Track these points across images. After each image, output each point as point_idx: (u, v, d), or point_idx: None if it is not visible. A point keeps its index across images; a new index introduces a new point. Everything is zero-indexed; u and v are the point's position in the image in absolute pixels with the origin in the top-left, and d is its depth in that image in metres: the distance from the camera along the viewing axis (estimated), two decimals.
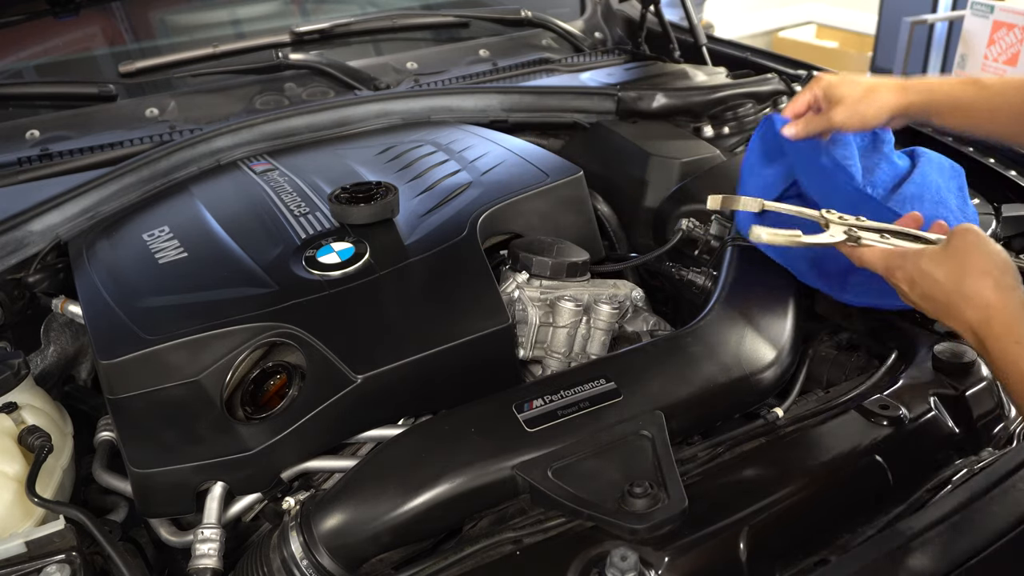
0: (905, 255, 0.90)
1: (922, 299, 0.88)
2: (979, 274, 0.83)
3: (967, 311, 0.84)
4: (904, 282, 0.89)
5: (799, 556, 0.91)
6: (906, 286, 0.89)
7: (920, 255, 0.88)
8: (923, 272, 0.87)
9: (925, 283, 0.86)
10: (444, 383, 1.06)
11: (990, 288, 0.83)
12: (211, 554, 0.94)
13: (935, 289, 0.86)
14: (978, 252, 0.85)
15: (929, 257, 0.87)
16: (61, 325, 1.29)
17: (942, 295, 0.85)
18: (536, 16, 2.11)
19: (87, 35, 1.87)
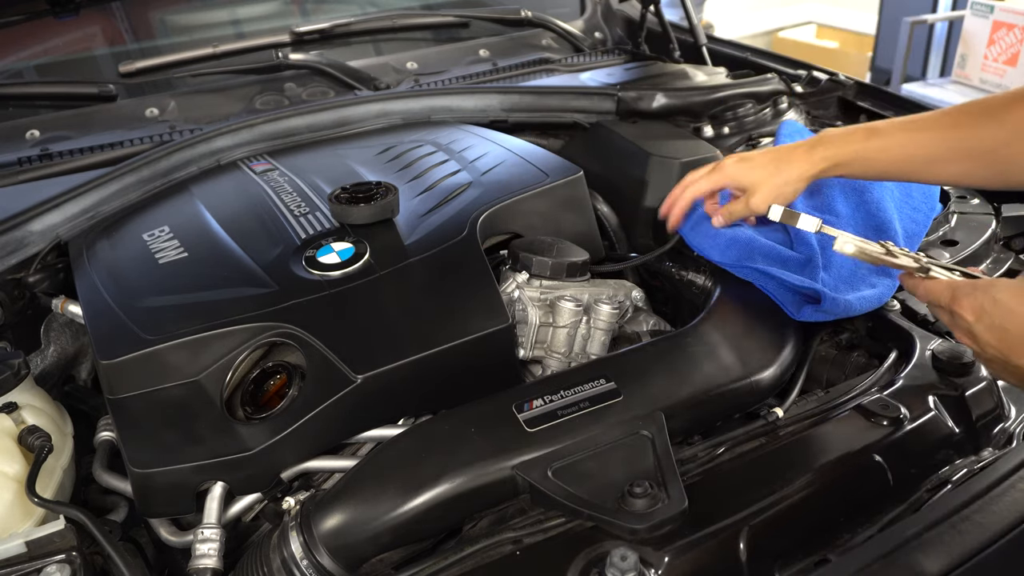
0: (976, 285, 0.87)
1: (989, 329, 0.84)
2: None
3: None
4: (971, 311, 0.85)
5: (799, 556, 0.91)
6: (972, 316, 0.85)
7: (995, 285, 0.85)
8: (997, 302, 0.83)
9: (998, 313, 0.83)
10: (444, 383, 1.06)
11: None
12: (211, 554, 0.94)
13: (1009, 320, 0.82)
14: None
15: (1003, 287, 0.84)
16: (61, 325, 1.29)
17: (1016, 326, 0.82)
18: (536, 16, 2.11)
19: (87, 35, 1.87)
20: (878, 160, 1.09)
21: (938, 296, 0.91)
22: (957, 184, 1.16)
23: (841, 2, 6.48)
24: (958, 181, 1.12)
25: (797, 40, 6.26)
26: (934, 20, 4.57)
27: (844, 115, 1.88)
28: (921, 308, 1.22)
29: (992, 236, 1.39)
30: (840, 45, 6.14)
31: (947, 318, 0.90)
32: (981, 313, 0.84)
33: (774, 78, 1.82)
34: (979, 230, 1.39)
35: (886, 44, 5.09)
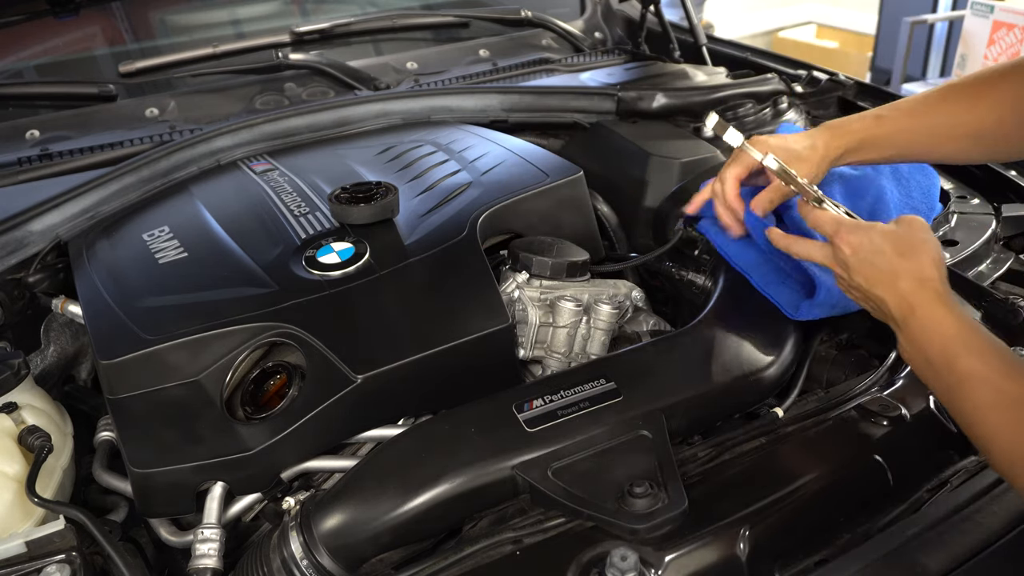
0: (859, 224, 0.96)
1: (860, 263, 0.93)
2: (922, 253, 0.91)
3: (904, 280, 0.90)
4: (848, 246, 0.94)
5: (799, 556, 0.91)
6: (848, 250, 0.94)
7: (873, 227, 0.95)
8: (872, 240, 0.93)
9: (870, 250, 0.93)
10: (444, 383, 1.06)
11: (929, 266, 0.90)
12: (211, 554, 0.94)
13: (878, 257, 0.92)
14: (925, 238, 0.93)
15: (881, 230, 0.94)
16: (61, 325, 1.29)
17: (884, 264, 0.91)
18: (536, 16, 2.11)
19: (87, 35, 1.87)
20: (885, 145, 1.14)
21: (823, 225, 0.99)
22: (961, 161, 1.19)
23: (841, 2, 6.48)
24: (961, 159, 1.18)
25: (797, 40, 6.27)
26: (934, 20, 4.57)
27: (844, 115, 1.87)
28: None
29: (992, 236, 1.39)
30: (840, 45, 6.14)
31: (822, 249, 0.99)
32: (856, 249, 0.94)
33: (774, 78, 1.82)
34: (979, 230, 1.39)
35: (886, 44, 5.09)
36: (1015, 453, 0.79)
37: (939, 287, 0.89)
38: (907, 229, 0.94)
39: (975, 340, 0.85)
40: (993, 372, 0.82)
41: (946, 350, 0.85)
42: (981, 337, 0.85)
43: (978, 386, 0.82)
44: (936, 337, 0.86)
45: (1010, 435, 0.79)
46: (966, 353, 0.84)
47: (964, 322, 0.86)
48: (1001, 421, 0.80)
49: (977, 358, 0.83)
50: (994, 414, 0.81)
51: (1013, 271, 1.35)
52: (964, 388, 0.83)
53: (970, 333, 0.86)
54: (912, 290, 0.89)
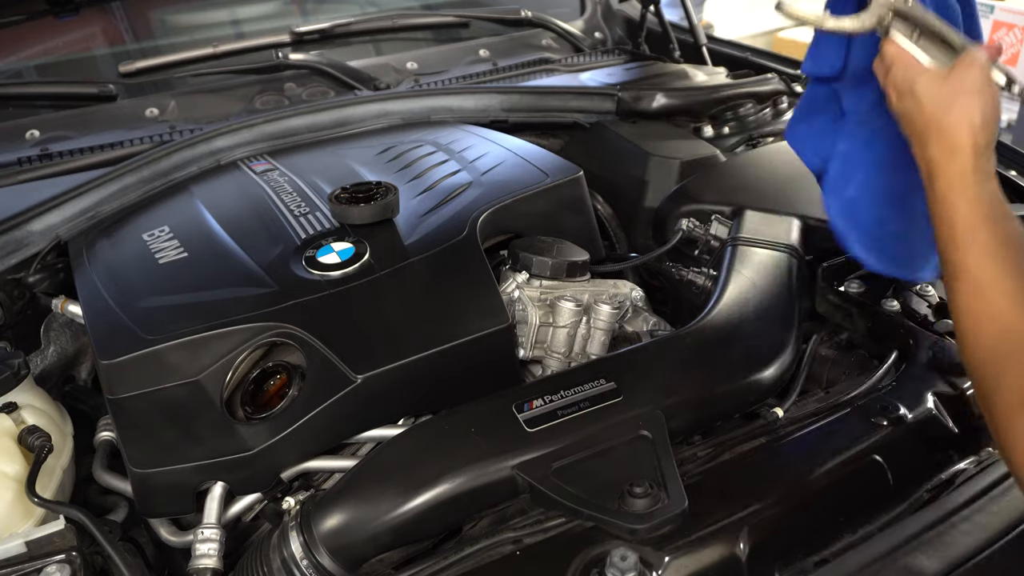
0: (911, 63, 0.90)
1: (902, 112, 0.90)
2: (962, 115, 0.84)
3: (933, 144, 0.85)
4: (894, 90, 0.90)
5: (799, 556, 0.91)
6: (895, 95, 0.90)
7: (920, 72, 0.88)
8: (914, 90, 0.87)
9: (911, 101, 0.88)
10: (444, 383, 1.06)
11: (965, 132, 0.84)
12: (211, 554, 0.94)
13: (916, 111, 0.87)
14: (974, 92, 0.85)
15: (928, 78, 0.87)
16: (61, 325, 1.29)
17: (921, 120, 0.87)
18: (536, 16, 2.11)
19: (87, 35, 1.87)
20: None
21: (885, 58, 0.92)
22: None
23: None
24: None
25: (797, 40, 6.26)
26: None
27: None
28: (921, 308, 1.22)
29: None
30: None
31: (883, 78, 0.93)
32: (901, 95, 0.89)
33: (774, 78, 1.82)
34: None
35: None
36: (973, 364, 0.78)
37: (968, 159, 0.83)
38: (959, 79, 0.85)
39: (979, 235, 0.81)
40: (983, 276, 0.79)
41: (951, 236, 0.82)
42: (987, 233, 0.81)
43: (964, 284, 0.80)
44: (945, 218, 0.83)
45: (974, 344, 0.78)
46: (965, 246, 0.81)
47: (975, 211, 0.82)
48: (971, 328, 0.79)
49: (972, 256, 0.80)
50: (968, 318, 0.80)
51: None
52: (955, 279, 0.82)
53: (977, 226, 0.81)
54: (938, 160, 0.85)
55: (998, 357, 0.76)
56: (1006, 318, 0.77)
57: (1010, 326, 0.77)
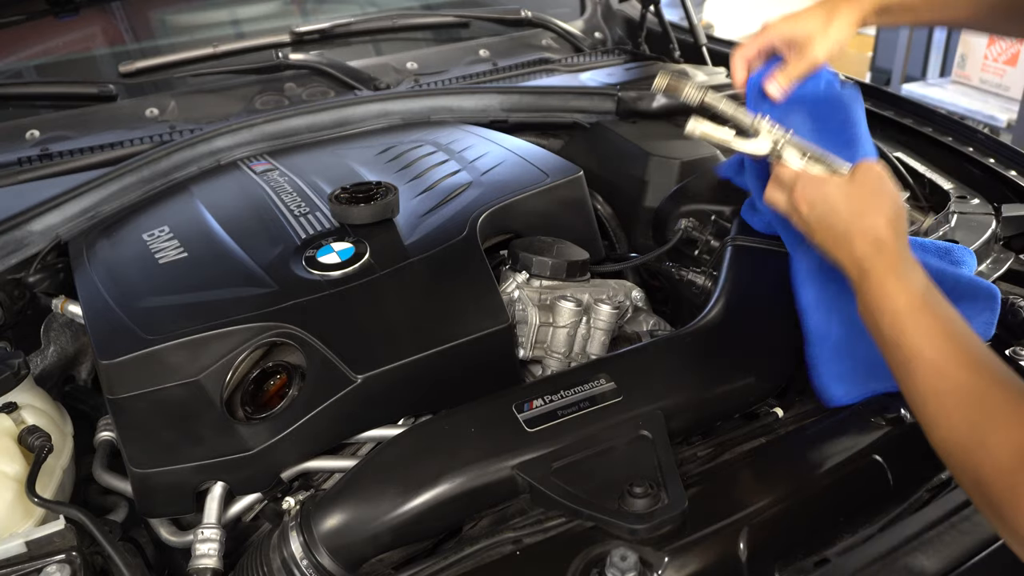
0: (814, 178, 0.93)
1: (817, 223, 0.91)
2: (877, 212, 0.87)
3: (858, 243, 0.86)
4: (805, 203, 0.92)
5: (799, 556, 0.91)
6: (806, 207, 0.92)
7: (827, 181, 0.92)
8: (826, 198, 0.90)
9: (824, 208, 0.90)
10: (444, 383, 1.06)
11: (884, 226, 0.86)
12: (211, 554, 0.94)
13: (833, 217, 0.89)
14: (880, 191, 0.89)
15: (836, 185, 0.90)
16: (61, 325, 1.29)
17: (840, 223, 0.88)
18: (536, 16, 2.11)
19: (87, 35, 1.87)
20: (920, 8, 1.10)
21: (784, 181, 0.96)
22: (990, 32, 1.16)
23: None
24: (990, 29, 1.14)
25: None
26: None
27: None
28: None
29: (992, 236, 1.39)
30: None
31: (787, 203, 0.96)
32: (812, 206, 0.91)
33: None
34: (979, 230, 1.39)
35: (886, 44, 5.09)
36: (952, 442, 0.75)
37: (894, 251, 0.85)
38: (863, 181, 0.89)
39: (924, 318, 0.80)
40: (938, 355, 0.78)
41: (894, 325, 0.81)
42: (931, 314, 0.81)
43: (921, 368, 0.78)
44: (887, 309, 0.82)
45: (947, 423, 0.75)
46: (914, 331, 0.80)
47: (915, 295, 0.82)
48: (940, 409, 0.76)
49: (924, 338, 0.79)
50: (934, 400, 0.77)
51: (1013, 271, 1.35)
52: (909, 368, 0.79)
53: (922, 308, 0.81)
54: (866, 254, 0.86)
55: (975, 427, 0.73)
56: (974, 387, 0.75)
57: (980, 394, 0.74)
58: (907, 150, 1.69)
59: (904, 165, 1.64)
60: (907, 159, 1.66)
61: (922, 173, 1.61)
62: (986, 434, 0.71)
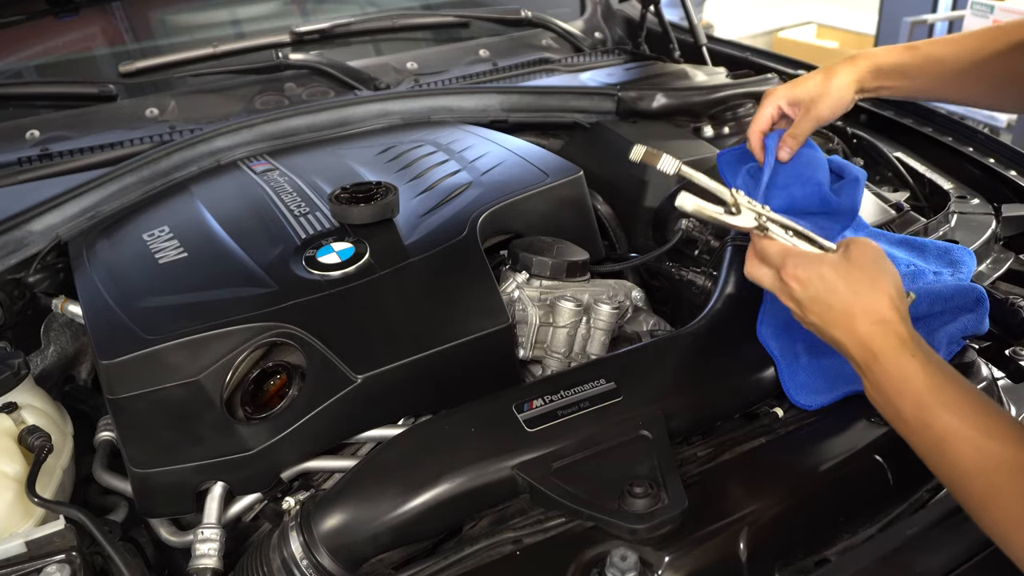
0: (806, 255, 0.89)
1: (811, 302, 0.86)
2: (879, 291, 0.83)
3: (861, 323, 0.83)
4: (796, 281, 0.87)
5: (799, 556, 0.91)
6: (797, 285, 0.87)
7: (822, 259, 0.87)
8: (822, 276, 0.85)
9: (821, 287, 0.85)
10: (444, 383, 1.06)
11: (887, 306, 0.83)
12: (211, 554, 0.94)
13: (831, 296, 0.84)
14: (880, 270, 0.85)
15: (831, 264, 0.86)
16: (61, 325, 1.29)
17: (839, 303, 0.84)
18: (536, 16, 2.11)
19: (87, 35, 1.87)
20: (914, 75, 1.10)
21: (770, 257, 0.91)
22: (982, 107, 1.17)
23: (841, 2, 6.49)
24: (983, 104, 1.15)
25: (797, 40, 6.27)
26: (934, 20, 4.57)
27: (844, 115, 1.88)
28: None
29: (992, 236, 1.39)
30: (840, 45, 6.14)
31: (773, 280, 0.91)
32: (806, 284, 0.86)
33: (774, 78, 1.82)
34: (979, 230, 1.39)
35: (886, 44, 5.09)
36: (1004, 523, 0.72)
37: (901, 329, 0.82)
38: (861, 260, 0.86)
39: (950, 393, 0.78)
40: (974, 431, 0.75)
41: (920, 406, 0.78)
42: (955, 388, 0.78)
43: (960, 447, 0.75)
44: (907, 392, 0.79)
45: (997, 502, 0.72)
46: (942, 410, 0.77)
47: (935, 371, 0.79)
48: (989, 485, 0.73)
49: (955, 414, 0.76)
50: (981, 479, 0.73)
51: (1013, 271, 1.35)
52: (945, 448, 0.76)
53: (944, 384, 0.78)
54: (872, 334, 0.82)
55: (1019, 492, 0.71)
56: (1011, 456, 0.73)
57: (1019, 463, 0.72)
58: (907, 150, 1.70)
59: (904, 165, 1.64)
60: (907, 159, 1.66)
61: (922, 173, 1.62)
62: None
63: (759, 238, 0.93)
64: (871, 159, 1.70)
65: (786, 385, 1.06)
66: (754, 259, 0.94)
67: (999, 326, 1.19)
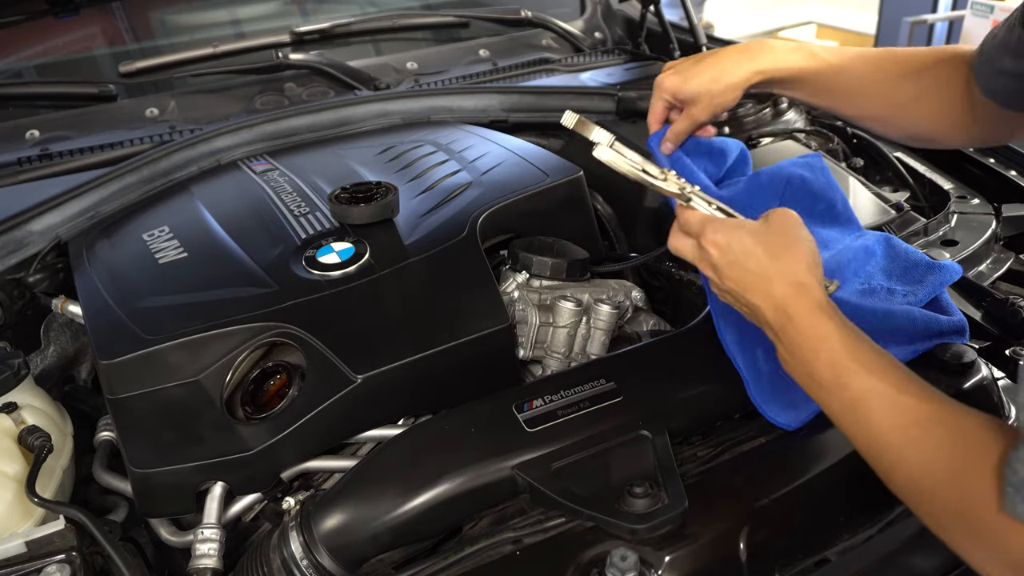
0: (725, 222, 0.90)
1: (729, 266, 0.87)
2: (796, 256, 0.84)
3: (777, 286, 0.83)
4: (715, 247, 0.88)
5: (799, 556, 0.91)
6: (716, 251, 0.87)
7: (741, 224, 0.88)
8: (741, 240, 0.86)
9: (739, 251, 0.86)
10: (444, 383, 1.06)
11: (804, 271, 0.84)
12: (211, 554, 0.94)
13: (749, 260, 0.85)
14: (797, 236, 0.86)
15: (750, 229, 0.87)
16: (61, 325, 1.29)
17: (755, 266, 0.85)
18: (536, 16, 2.11)
19: (87, 35, 1.87)
20: (810, 84, 1.09)
21: (691, 226, 0.92)
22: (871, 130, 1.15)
23: (841, 2, 6.49)
24: (873, 125, 1.12)
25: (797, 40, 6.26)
26: (934, 20, 4.57)
27: None
28: None
29: (992, 236, 1.39)
30: (840, 45, 6.14)
31: (694, 250, 0.92)
32: (725, 250, 0.87)
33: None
34: (979, 230, 1.39)
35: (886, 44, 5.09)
36: (920, 476, 0.72)
37: (817, 293, 0.82)
38: (779, 227, 0.86)
39: (865, 353, 0.78)
40: (890, 387, 0.75)
41: (835, 366, 0.78)
42: (869, 349, 0.79)
43: (875, 404, 0.75)
44: (822, 351, 0.79)
45: (914, 455, 0.72)
46: (859, 369, 0.77)
47: (850, 332, 0.80)
48: (903, 439, 0.73)
49: (872, 374, 0.76)
50: (895, 433, 0.74)
51: (1013, 271, 1.35)
52: (859, 407, 0.76)
53: (858, 346, 0.78)
54: (787, 296, 0.82)
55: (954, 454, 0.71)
56: (938, 414, 0.73)
57: (949, 419, 0.72)
58: (907, 150, 1.70)
59: (904, 165, 1.64)
60: (907, 159, 1.66)
61: (922, 173, 1.62)
62: (969, 459, 0.69)
63: (683, 209, 0.94)
64: (871, 159, 1.70)
65: (756, 401, 1.02)
66: (677, 231, 0.94)
67: (999, 326, 1.19)
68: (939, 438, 0.72)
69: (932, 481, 0.72)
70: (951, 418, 0.72)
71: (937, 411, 0.73)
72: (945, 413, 0.73)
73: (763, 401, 1.02)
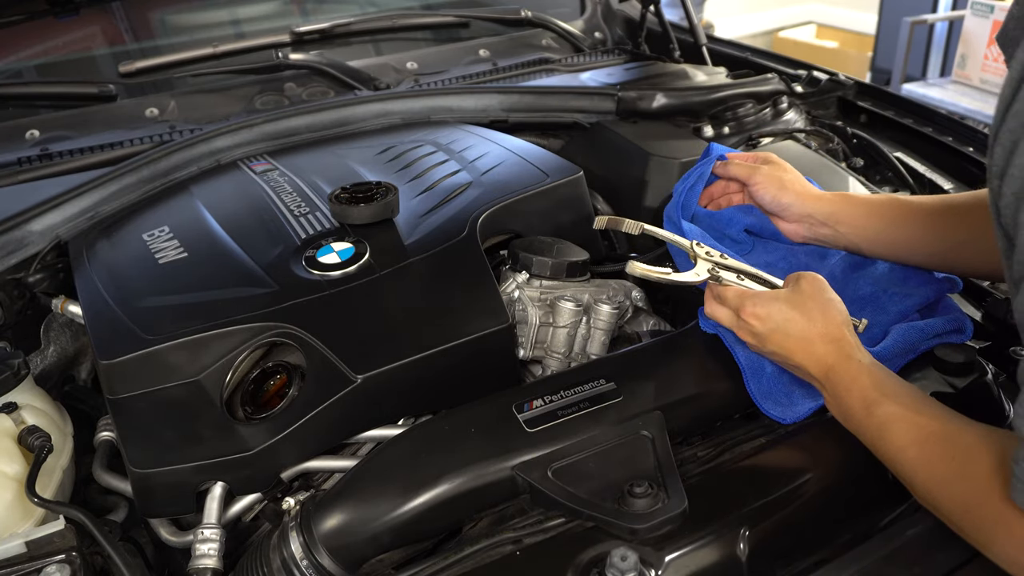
0: (761, 295, 0.98)
1: (772, 333, 0.95)
2: (830, 316, 0.94)
3: (819, 345, 0.93)
4: (755, 318, 0.96)
5: (799, 556, 0.91)
6: (757, 322, 0.96)
7: (776, 296, 0.97)
8: (781, 310, 0.95)
9: (779, 320, 0.95)
10: (444, 383, 1.06)
11: (839, 326, 0.94)
12: (211, 554, 0.94)
13: (789, 325, 0.94)
14: (828, 298, 0.96)
15: (785, 298, 0.96)
16: (61, 325, 1.29)
17: (796, 331, 0.94)
18: (536, 16, 2.11)
19: (87, 35, 1.87)
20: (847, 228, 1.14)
21: (727, 300, 1.00)
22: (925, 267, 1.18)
23: (841, 2, 6.49)
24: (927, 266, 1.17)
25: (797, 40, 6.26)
26: (934, 20, 4.57)
27: (844, 115, 1.88)
28: None
29: None
30: (840, 45, 6.14)
31: (732, 319, 1.00)
32: (767, 319, 0.96)
33: (774, 78, 1.82)
34: None
35: (886, 44, 5.09)
36: (932, 485, 0.82)
37: (851, 341, 0.93)
38: (810, 291, 0.96)
39: (888, 385, 0.89)
40: (907, 410, 0.85)
41: (865, 398, 0.88)
42: (892, 382, 0.90)
43: (896, 426, 0.85)
44: (855, 389, 0.90)
45: (926, 467, 0.82)
46: (882, 398, 0.87)
47: (875, 370, 0.91)
48: (918, 455, 0.83)
49: (892, 400, 0.87)
50: (912, 450, 0.84)
51: None
52: (885, 431, 0.86)
53: (882, 379, 0.90)
54: (829, 352, 0.92)
55: (952, 459, 0.81)
56: (943, 430, 0.83)
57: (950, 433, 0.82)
58: (907, 150, 1.70)
59: (904, 165, 1.64)
60: (907, 159, 1.66)
61: (922, 173, 1.62)
62: (969, 466, 0.78)
63: (713, 287, 1.03)
64: (871, 159, 1.70)
65: (754, 395, 1.04)
66: (712, 302, 1.03)
67: (999, 326, 1.19)
68: (944, 450, 0.82)
69: (942, 486, 0.81)
70: (955, 432, 0.82)
71: (943, 427, 0.83)
72: (951, 429, 0.83)
73: (761, 396, 1.04)
